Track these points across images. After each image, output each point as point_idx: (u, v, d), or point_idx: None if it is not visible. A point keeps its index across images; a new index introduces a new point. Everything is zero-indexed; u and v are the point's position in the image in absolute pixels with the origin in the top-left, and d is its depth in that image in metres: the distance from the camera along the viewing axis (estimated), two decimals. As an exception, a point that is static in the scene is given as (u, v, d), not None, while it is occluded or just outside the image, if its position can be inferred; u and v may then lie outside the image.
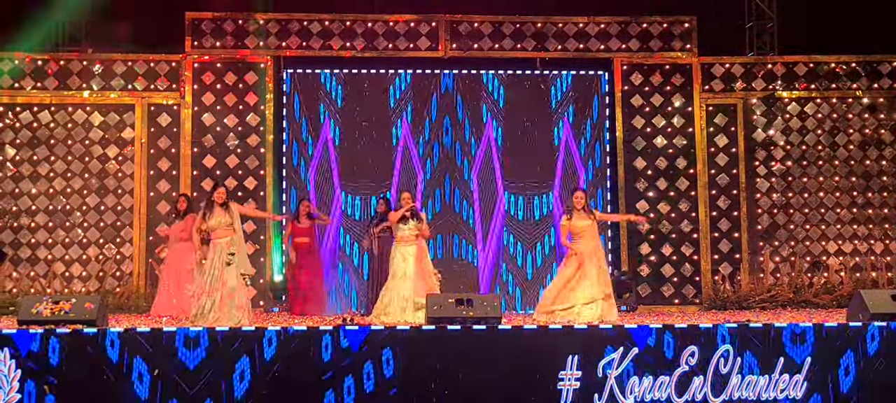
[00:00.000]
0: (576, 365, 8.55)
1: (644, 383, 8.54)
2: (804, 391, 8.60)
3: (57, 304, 9.15)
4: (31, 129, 13.72)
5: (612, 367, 8.53)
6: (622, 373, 8.52)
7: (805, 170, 14.42)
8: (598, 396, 8.53)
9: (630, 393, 8.52)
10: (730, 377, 8.60)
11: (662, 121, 14.37)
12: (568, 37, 14.34)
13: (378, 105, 14.37)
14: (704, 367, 8.55)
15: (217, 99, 13.96)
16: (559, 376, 8.49)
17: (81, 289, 13.42)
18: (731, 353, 8.61)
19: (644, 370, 8.55)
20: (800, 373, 8.60)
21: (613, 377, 8.52)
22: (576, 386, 8.53)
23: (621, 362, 8.53)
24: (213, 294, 10.44)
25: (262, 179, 13.87)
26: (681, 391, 8.53)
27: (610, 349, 8.56)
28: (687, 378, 8.52)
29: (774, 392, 8.62)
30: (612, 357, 8.54)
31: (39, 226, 13.62)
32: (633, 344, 8.56)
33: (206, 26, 14.02)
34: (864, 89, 14.53)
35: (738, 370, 8.61)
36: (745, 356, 8.63)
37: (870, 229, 14.38)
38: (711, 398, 8.57)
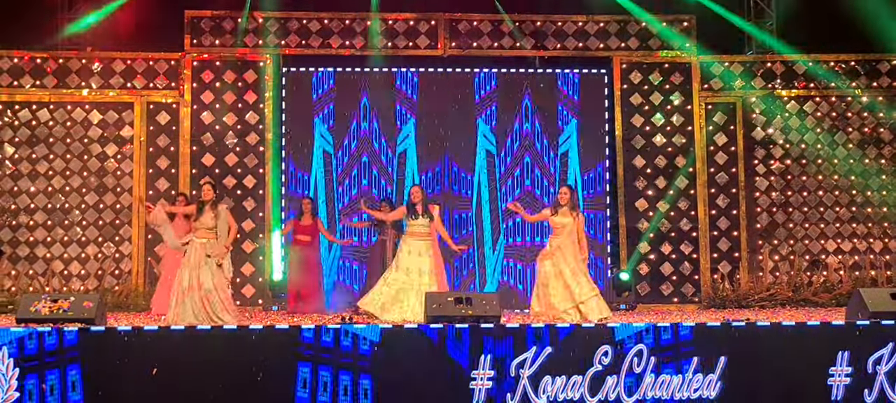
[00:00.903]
0: (488, 365, 8.51)
1: (557, 382, 8.48)
2: (718, 390, 8.57)
3: (55, 303, 9.18)
4: (30, 127, 13.72)
5: (525, 367, 8.48)
6: (536, 372, 8.47)
7: (804, 168, 14.42)
8: (510, 396, 8.47)
9: (543, 392, 8.46)
10: (643, 376, 8.58)
11: (662, 119, 14.37)
12: (567, 35, 14.35)
13: (378, 104, 14.34)
14: (618, 367, 8.51)
15: (216, 97, 13.95)
16: (471, 375, 8.46)
17: (80, 288, 13.41)
18: (645, 353, 8.59)
19: (557, 369, 8.49)
20: (714, 373, 8.58)
21: (526, 376, 8.48)
22: (488, 386, 8.50)
23: (535, 361, 8.48)
24: (192, 293, 10.40)
25: (261, 178, 13.87)
26: (594, 390, 8.50)
27: (524, 348, 8.49)
28: (600, 378, 8.49)
29: (688, 391, 8.58)
30: (525, 357, 8.48)
31: (38, 225, 13.62)
32: (548, 344, 8.51)
33: (205, 24, 14.01)
34: (862, 88, 14.53)
35: (651, 369, 8.57)
36: (661, 356, 8.57)
37: (869, 228, 14.37)
38: (624, 398, 8.52)
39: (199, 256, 10.46)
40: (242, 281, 13.64)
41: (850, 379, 8.60)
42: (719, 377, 8.54)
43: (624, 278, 13.74)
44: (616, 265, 14.14)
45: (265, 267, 13.76)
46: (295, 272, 12.81)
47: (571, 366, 8.43)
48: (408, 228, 11.27)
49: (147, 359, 8.42)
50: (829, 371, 8.59)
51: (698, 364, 8.56)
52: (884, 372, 8.64)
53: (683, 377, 8.55)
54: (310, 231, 12.81)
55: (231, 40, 14.02)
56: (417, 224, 11.21)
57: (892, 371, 8.64)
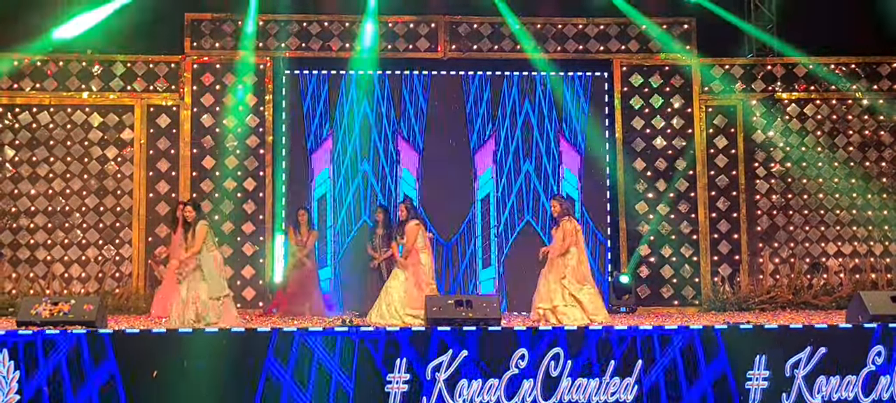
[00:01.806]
0: (404, 368, 8.53)
1: (473, 386, 8.49)
2: (635, 394, 8.57)
3: (56, 305, 9.17)
4: (30, 130, 13.70)
5: (441, 370, 8.49)
6: (452, 376, 8.48)
7: (804, 171, 14.39)
8: (426, 399, 8.49)
9: (459, 396, 8.46)
10: (560, 380, 8.57)
11: (662, 122, 14.37)
12: (567, 38, 14.35)
13: (378, 106, 14.35)
14: (535, 370, 8.52)
15: (216, 100, 13.96)
16: (386, 379, 8.48)
17: (80, 290, 13.41)
18: (562, 356, 8.58)
19: (475, 373, 8.50)
20: (630, 377, 8.58)
21: (442, 380, 8.48)
22: (405, 389, 8.50)
23: (451, 364, 8.49)
24: (189, 306, 10.45)
25: (261, 181, 13.87)
26: (511, 394, 8.49)
27: (439, 351, 8.52)
28: (517, 381, 8.49)
29: (605, 395, 8.58)
30: (441, 360, 8.50)
31: (38, 227, 13.60)
32: (464, 347, 8.53)
33: (205, 27, 14.02)
34: (863, 90, 14.51)
35: (568, 373, 8.57)
36: (578, 359, 8.59)
37: (869, 231, 14.35)
38: (541, 401, 8.52)
39: (195, 271, 10.54)
40: (243, 284, 13.66)
41: (768, 383, 8.64)
42: (636, 381, 8.56)
43: (624, 281, 13.74)
44: (616, 268, 14.13)
45: (265, 270, 13.75)
46: (292, 277, 12.88)
47: (491, 369, 8.52)
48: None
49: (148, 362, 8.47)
50: (748, 374, 8.62)
51: (615, 369, 8.57)
52: (801, 376, 8.67)
53: (601, 381, 8.56)
54: (306, 243, 12.85)
55: (231, 43, 14.02)
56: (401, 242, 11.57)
57: (809, 374, 8.67)
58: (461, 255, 14.29)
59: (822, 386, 8.72)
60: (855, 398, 8.73)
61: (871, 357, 8.77)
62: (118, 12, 13.76)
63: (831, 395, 8.71)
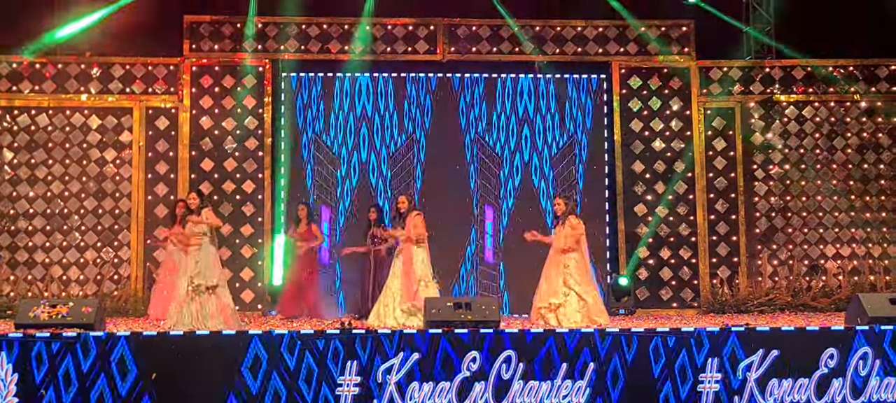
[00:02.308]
0: (355, 371, 8.48)
1: (425, 388, 8.45)
2: (586, 397, 8.52)
3: (54, 308, 9.14)
4: (29, 132, 13.71)
5: (392, 372, 8.45)
6: (402, 379, 8.44)
7: (803, 173, 14.42)
8: (377, 402, 8.46)
9: (411, 399, 8.42)
10: (512, 383, 8.53)
11: (660, 124, 14.38)
12: (566, 40, 14.35)
13: (377, 108, 14.35)
14: (487, 373, 8.48)
15: (215, 102, 13.96)
16: (338, 381, 8.44)
17: (79, 293, 13.42)
18: (513, 358, 8.53)
19: (426, 375, 8.46)
20: (582, 379, 8.55)
21: (393, 383, 8.43)
22: (355, 391, 8.46)
23: (402, 367, 8.45)
24: (189, 300, 10.39)
25: (260, 183, 13.87)
26: (462, 397, 8.46)
27: (390, 354, 8.46)
28: (468, 384, 8.45)
29: (557, 398, 8.54)
30: (392, 363, 8.44)
31: (37, 230, 13.60)
32: (415, 350, 8.48)
33: (204, 29, 14.03)
34: (861, 93, 14.53)
35: (521, 375, 8.52)
36: (533, 363, 8.53)
37: (868, 233, 14.37)
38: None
39: (193, 264, 10.47)
40: (241, 286, 13.65)
41: (720, 385, 8.59)
42: (588, 384, 8.52)
43: (623, 283, 13.74)
44: (615, 270, 14.15)
45: (264, 272, 13.74)
46: (291, 277, 12.84)
47: (442, 372, 8.45)
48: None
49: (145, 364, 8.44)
50: (700, 377, 8.57)
51: (567, 372, 8.53)
52: (753, 379, 8.62)
53: (552, 384, 8.51)
54: (306, 237, 12.81)
55: (230, 45, 14.03)
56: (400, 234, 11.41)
57: (761, 377, 8.62)
58: (460, 255, 14.27)
59: (774, 389, 8.67)
60: (807, 400, 8.69)
61: (824, 359, 8.73)
62: (117, 14, 13.75)
63: (783, 398, 8.66)
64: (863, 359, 8.78)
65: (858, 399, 8.74)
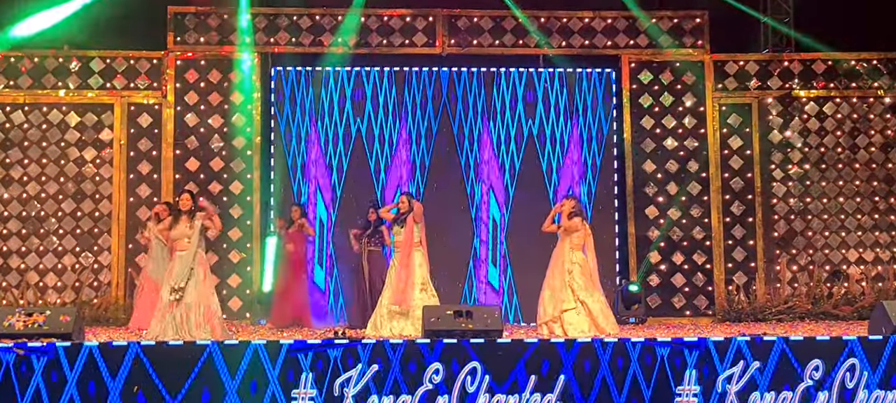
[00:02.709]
0: (310, 383, 8.31)
1: (385, 402, 8.39)
2: None
3: (30, 317, 8.97)
4: (4, 130, 13.59)
5: (350, 385, 8.28)
6: (361, 392, 8.28)
7: (824, 173, 14.25)
8: None
9: None
10: (477, 396, 8.37)
11: (673, 121, 14.24)
12: (573, 32, 14.22)
13: (372, 104, 14.18)
14: (451, 384, 8.33)
15: (201, 98, 13.82)
16: (292, 395, 8.25)
17: (56, 300, 13.30)
18: (479, 371, 8.35)
19: (386, 388, 8.35)
20: (552, 393, 8.36)
21: (351, 396, 8.29)
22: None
23: (360, 380, 8.28)
24: (173, 308, 10.11)
25: (248, 183, 13.70)
26: None
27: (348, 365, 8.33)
28: (432, 397, 8.37)
29: None
30: (350, 375, 8.25)
31: (12, 233, 13.45)
32: (374, 362, 8.35)
33: (189, 21, 13.91)
34: (885, 88, 14.38)
35: (487, 389, 8.38)
36: (500, 375, 8.43)
37: (892, 236, 14.24)
38: None
39: (183, 271, 10.16)
40: (229, 294, 13.45)
41: (699, 398, 8.44)
42: (559, 397, 8.36)
43: (633, 290, 13.52)
44: (625, 276, 13.93)
45: (253, 279, 13.53)
46: (280, 281, 12.72)
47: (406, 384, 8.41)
48: (394, 239, 11.43)
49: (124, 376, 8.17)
50: (677, 390, 8.43)
51: (535, 384, 8.38)
52: (734, 392, 8.47)
53: (520, 397, 8.36)
54: (296, 239, 12.75)
55: (217, 38, 13.91)
56: (396, 234, 11.31)
57: (743, 390, 8.46)
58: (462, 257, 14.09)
59: (756, 402, 8.61)
60: None
61: (809, 371, 8.56)
62: (96, 4, 13.51)
63: None
64: (850, 371, 8.62)
65: None
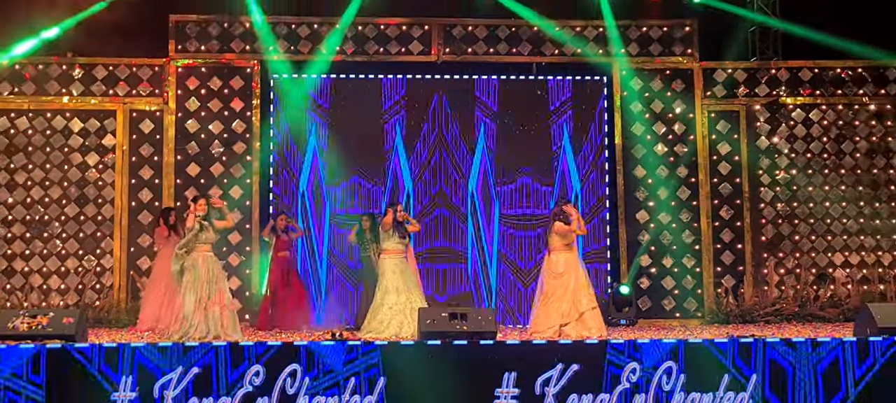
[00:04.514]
0: (130, 386, 8.42)
1: None
2: None
3: (34, 318, 9.08)
4: (8, 136, 13.65)
5: (169, 388, 8.39)
6: (179, 395, 8.40)
7: (810, 178, 14.41)
8: None
9: None
10: (297, 398, 8.48)
11: (663, 127, 14.38)
12: (565, 41, 14.32)
13: (369, 111, 14.28)
14: (270, 388, 8.49)
15: (201, 104, 13.92)
16: (112, 399, 8.41)
17: (60, 303, 13.34)
18: (299, 372, 8.50)
19: (205, 391, 8.46)
20: (372, 395, 8.55)
21: (170, 398, 8.40)
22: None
23: (180, 383, 8.41)
24: (213, 307, 10.38)
25: (248, 188, 13.83)
26: None
27: (168, 369, 8.45)
28: (251, 399, 8.44)
29: None
30: (170, 378, 8.40)
31: (16, 237, 13.53)
32: (194, 364, 8.46)
33: (190, 29, 13.99)
34: (870, 95, 14.54)
35: (307, 391, 8.48)
36: (320, 376, 8.56)
37: (877, 240, 14.36)
38: None
39: (213, 270, 10.51)
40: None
41: (517, 401, 8.60)
42: (378, 399, 8.53)
43: (624, 292, 13.73)
44: (616, 279, 14.10)
45: (252, 282, 13.67)
46: (274, 287, 12.73)
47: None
48: (384, 245, 11.62)
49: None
50: (495, 391, 8.58)
51: (355, 385, 8.53)
52: (552, 394, 8.64)
53: (340, 398, 8.50)
54: (288, 245, 12.81)
55: (217, 46, 13.99)
56: (393, 240, 11.57)
57: (560, 391, 8.63)
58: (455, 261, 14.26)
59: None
60: None
61: (626, 374, 8.75)
62: (99, 12, 13.67)
63: None
64: (667, 374, 8.80)
65: None
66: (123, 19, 13.74)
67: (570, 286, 11.01)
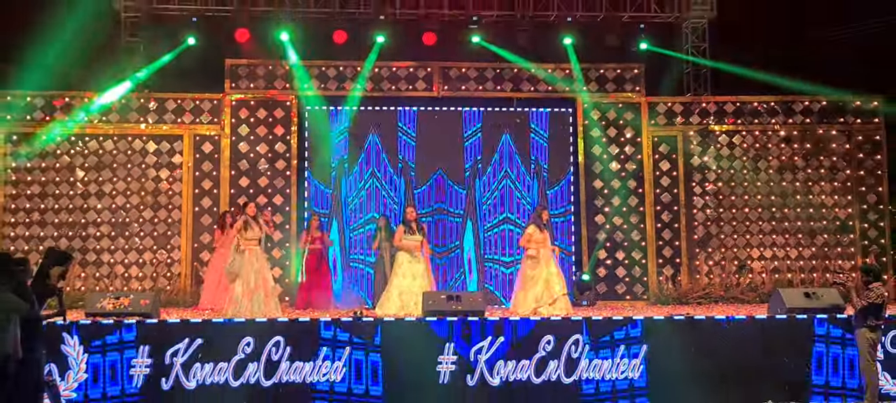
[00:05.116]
0: (147, 353, 8.63)
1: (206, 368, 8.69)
2: (343, 375, 8.83)
3: (118, 300, 9.28)
4: (97, 155, 13.66)
5: (178, 355, 8.66)
6: (186, 360, 8.67)
7: (733, 189, 14.42)
8: (165, 380, 8.65)
9: (193, 377, 8.69)
10: (280, 363, 8.73)
11: (616, 149, 14.36)
12: (539, 80, 14.33)
13: (385, 137, 14.20)
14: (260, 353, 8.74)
15: (251, 130, 13.91)
16: (131, 363, 8.62)
17: (138, 287, 13.34)
18: (282, 342, 8.77)
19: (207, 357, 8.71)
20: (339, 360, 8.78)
21: (180, 364, 8.65)
22: (147, 372, 8.62)
23: (187, 351, 8.68)
24: (258, 291, 10.43)
25: (287, 197, 13.84)
26: (238, 373, 8.73)
27: (178, 339, 8.69)
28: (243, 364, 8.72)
29: (317, 374, 8.79)
30: (178, 347, 8.66)
31: (103, 235, 13.55)
32: (198, 336, 8.70)
33: (241, 70, 14.01)
34: (781, 124, 14.55)
35: (288, 357, 8.73)
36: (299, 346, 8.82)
37: (786, 239, 14.36)
38: (264, 380, 8.72)
39: (259, 262, 10.61)
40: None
41: (455, 366, 8.78)
42: (344, 364, 8.76)
43: (585, 279, 13.72)
44: (579, 269, 14.07)
45: (291, 271, 13.64)
46: (308, 273, 12.58)
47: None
48: (404, 242, 11.47)
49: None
50: (438, 358, 8.79)
51: (326, 354, 8.74)
52: (484, 361, 8.83)
53: (314, 364, 8.75)
54: (319, 239, 12.66)
55: (263, 84, 13.98)
56: (412, 237, 11.43)
57: (490, 359, 8.83)
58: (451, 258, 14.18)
59: (501, 369, 8.87)
60: (528, 378, 8.91)
61: (542, 344, 8.92)
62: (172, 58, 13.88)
63: (509, 376, 8.87)
64: (574, 344, 8.93)
65: (570, 376, 8.94)
66: (189, 63, 13.91)
67: (542, 275, 11.02)
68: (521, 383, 8.92)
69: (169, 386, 8.68)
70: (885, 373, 9.39)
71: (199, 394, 8.68)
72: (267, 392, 8.78)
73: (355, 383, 8.80)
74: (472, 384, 8.87)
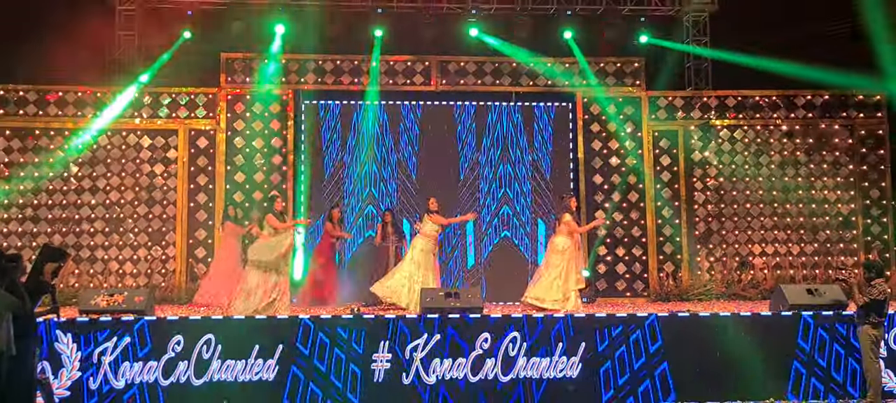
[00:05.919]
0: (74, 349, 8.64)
1: (135, 367, 8.65)
2: (275, 374, 8.85)
3: (112, 296, 9.27)
4: (92, 150, 13.62)
5: (107, 353, 8.62)
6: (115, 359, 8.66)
7: (734, 185, 14.40)
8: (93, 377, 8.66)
9: (122, 376, 8.66)
10: (211, 362, 8.73)
11: (616, 144, 14.32)
12: (538, 74, 14.28)
13: (382, 131, 14.22)
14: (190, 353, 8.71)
15: (246, 125, 13.88)
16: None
17: (132, 284, 13.34)
18: (213, 340, 8.75)
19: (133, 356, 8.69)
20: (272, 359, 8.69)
21: (107, 362, 8.62)
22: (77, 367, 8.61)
23: (115, 349, 8.65)
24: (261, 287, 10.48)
25: (283, 192, 13.70)
26: (167, 373, 8.70)
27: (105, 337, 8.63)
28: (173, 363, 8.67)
29: (250, 374, 8.81)
30: (106, 346, 8.61)
31: (97, 231, 13.53)
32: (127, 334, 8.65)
33: (237, 65, 13.97)
34: (783, 118, 14.53)
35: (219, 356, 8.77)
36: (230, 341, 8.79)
37: (788, 234, 14.36)
38: (195, 379, 8.72)
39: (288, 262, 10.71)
40: None
41: (390, 364, 8.86)
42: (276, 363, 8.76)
43: (585, 275, 13.57)
44: (579, 264, 14.05)
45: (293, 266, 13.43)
46: (318, 268, 12.66)
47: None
48: (424, 228, 11.50)
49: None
50: (373, 356, 8.85)
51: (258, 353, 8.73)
52: (419, 358, 8.89)
53: (246, 363, 8.76)
54: (336, 233, 12.69)
55: (258, 77, 13.92)
56: (430, 227, 11.47)
57: (426, 356, 8.89)
58: (450, 254, 14.19)
59: (437, 367, 8.90)
60: (464, 376, 8.93)
61: (479, 342, 8.93)
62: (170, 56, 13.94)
63: (444, 374, 8.91)
64: (512, 343, 8.94)
65: (507, 375, 8.96)
66: (184, 57, 13.88)
67: (564, 266, 11.05)
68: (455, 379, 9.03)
69: (167, 383, 8.70)
70: (889, 371, 9.39)
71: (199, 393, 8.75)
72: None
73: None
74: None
